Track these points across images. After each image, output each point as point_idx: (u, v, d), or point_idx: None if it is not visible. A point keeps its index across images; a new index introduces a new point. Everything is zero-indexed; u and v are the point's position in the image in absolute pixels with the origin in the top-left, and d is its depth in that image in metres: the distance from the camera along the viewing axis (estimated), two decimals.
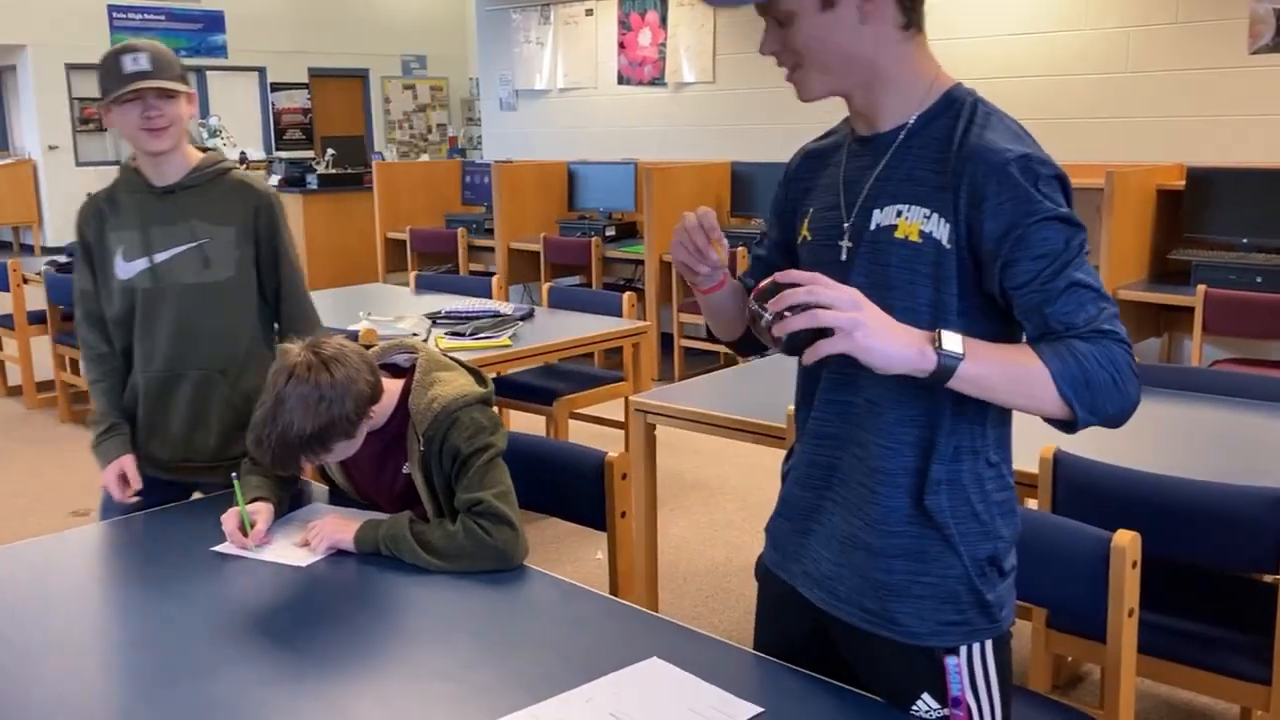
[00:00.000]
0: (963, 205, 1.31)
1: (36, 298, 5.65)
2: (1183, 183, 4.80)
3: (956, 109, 1.37)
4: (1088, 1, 5.46)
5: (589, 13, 7.67)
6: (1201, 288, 4.25)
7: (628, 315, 4.17)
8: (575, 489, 2.24)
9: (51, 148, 13.29)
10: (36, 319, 5.78)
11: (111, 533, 2.12)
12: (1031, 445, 2.23)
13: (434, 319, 4.04)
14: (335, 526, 1.96)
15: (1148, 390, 2.89)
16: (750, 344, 1.66)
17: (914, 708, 1.42)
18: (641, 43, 7.38)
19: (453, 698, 1.46)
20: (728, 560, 3.80)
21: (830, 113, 1.51)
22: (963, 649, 1.40)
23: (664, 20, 7.24)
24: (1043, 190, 1.29)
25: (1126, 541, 1.74)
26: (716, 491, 4.48)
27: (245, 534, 1.98)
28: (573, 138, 7.93)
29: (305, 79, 15.10)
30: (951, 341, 1.25)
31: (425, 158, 14.58)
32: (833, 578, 1.46)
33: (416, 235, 7.56)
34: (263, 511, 2.03)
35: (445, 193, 8.18)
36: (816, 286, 1.23)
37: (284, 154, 13.48)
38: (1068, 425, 1.30)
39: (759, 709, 1.41)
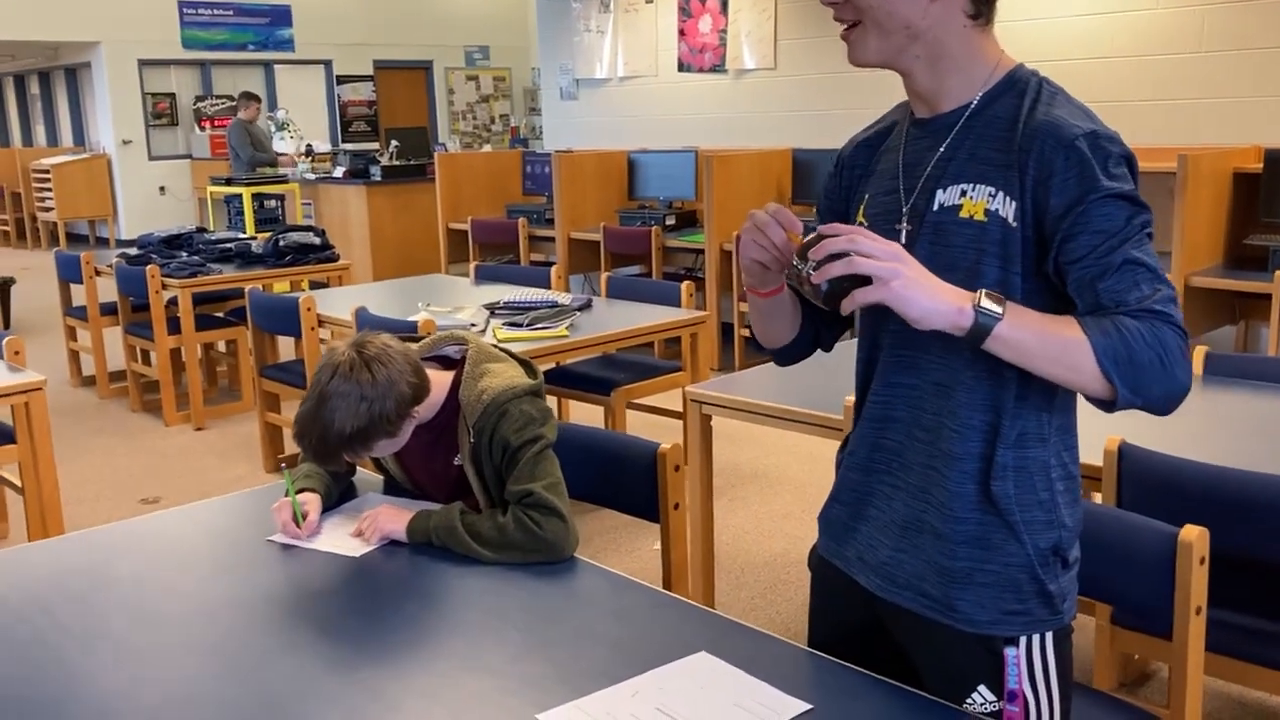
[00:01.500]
0: (1029, 181, 1.28)
1: (107, 289, 5.79)
2: (1260, 165, 4.65)
3: (1021, 88, 1.35)
4: None
5: (649, 0, 7.64)
6: (1279, 274, 4.11)
7: (686, 305, 4.15)
8: (629, 480, 2.23)
9: (125, 142, 13.60)
10: (107, 310, 5.93)
11: (170, 522, 2.15)
12: (1096, 438, 2.18)
13: (492, 309, 4.06)
14: (388, 517, 1.97)
15: (1220, 381, 2.80)
16: (792, 353, 1.61)
17: (969, 700, 1.39)
18: (702, 29, 7.33)
19: (499, 691, 1.46)
20: (785, 552, 3.77)
21: (895, 96, 1.48)
22: (1022, 640, 1.37)
23: (724, 6, 7.18)
24: (1110, 168, 1.26)
25: (1194, 537, 1.69)
26: (775, 483, 4.45)
27: (298, 524, 2.00)
28: (633, 126, 7.91)
29: (370, 71, 15.27)
30: (992, 301, 1.23)
31: (488, 148, 14.67)
32: (890, 564, 1.43)
33: (478, 226, 7.61)
34: (312, 502, 2.05)
35: (506, 183, 8.22)
36: (857, 236, 1.23)
37: (349, 146, 13.67)
38: (1108, 404, 1.26)
39: (807, 706, 1.38)
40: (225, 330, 5.66)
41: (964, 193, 1.33)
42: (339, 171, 9.34)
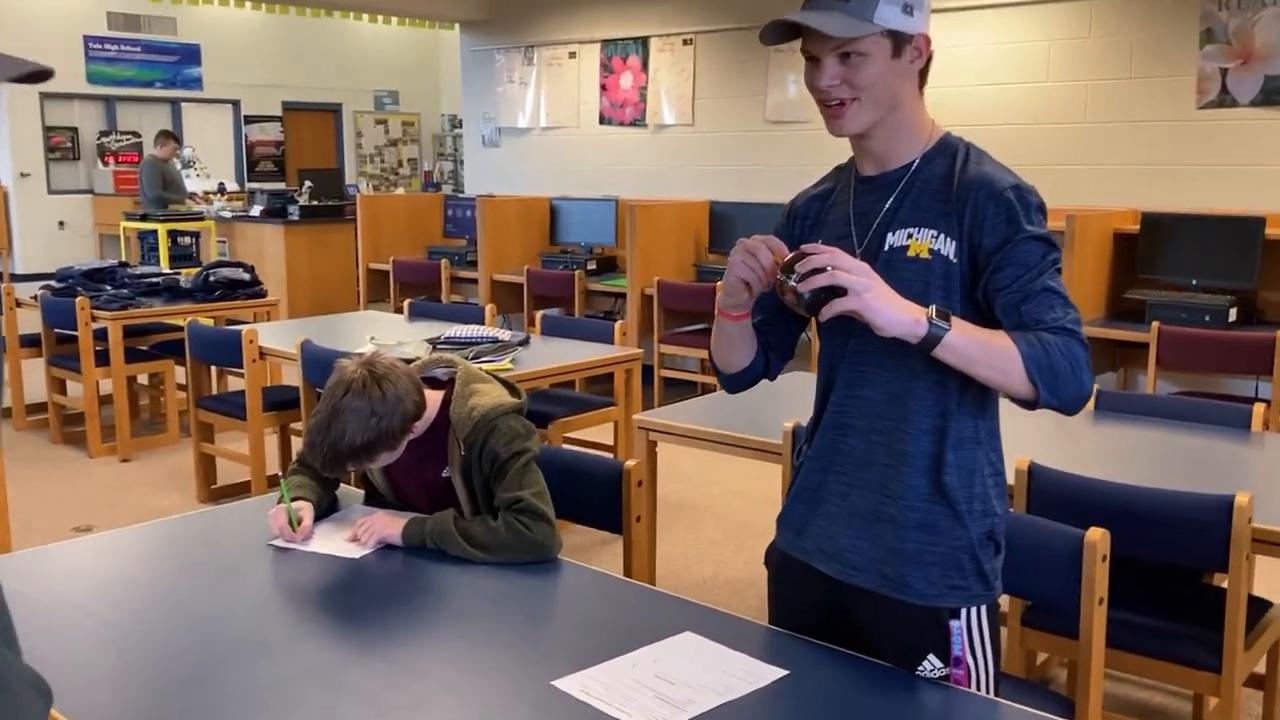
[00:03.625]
0: (966, 224, 1.58)
1: (24, 321, 5.76)
2: (1137, 227, 5.13)
3: (953, 150, 1.64)
4: (1049, 57, 5.81)
5: (572, 55, 7.95)
6: (1155, 325, 4.55)
7: (619, 343, 4.38)
8: (593, 496, 2.44)
9: (24, 175, 13.32)
10: (27, 342, 5.90)
11: (172, 528, 2.28)
12: (1008, 457, 2.48)
13: (434, 343, 4.23)
14: (384, 523, 2.15)
15: (1110, 416, 3.15)
16: (744, 379, 1.84)
17: (920, 668, 1.64)
18: (623, 85, 7.66)
19: (514, 662, 1.65)
20: (714, 575, 4.00)
21: (801, 152, 1.75)
22: (963, 612, 1.63)
23: (645, 64, 7.53)
24: (1030, 215, 1.57)
25: (1097, 538, 1.98)
26: (702, 512, 4.69)
27: (293, 529, 2.16)
28: (555, 174, 8.18)
29: (279, 112, 15.26)
30: (941, 316, 1.50)
31: (400, 190, 14.77)
32: (849, 550, 1.68)
33: (399, 266, 7.75)
34: (305, 510, 2.22)
35: (426, 225, 8.38)
36: (837, 253, 1.49)
37: (256, 185, 13.61)
38: (1031, 404, 1.54)
39: (784, 672, 1.62)
40: (153, 363, 5.68)
41: (910, 235, 1.61)
42: (255, 210, 9.38)
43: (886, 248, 1.62)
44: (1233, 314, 4.71)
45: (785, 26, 1.56)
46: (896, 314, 1.48)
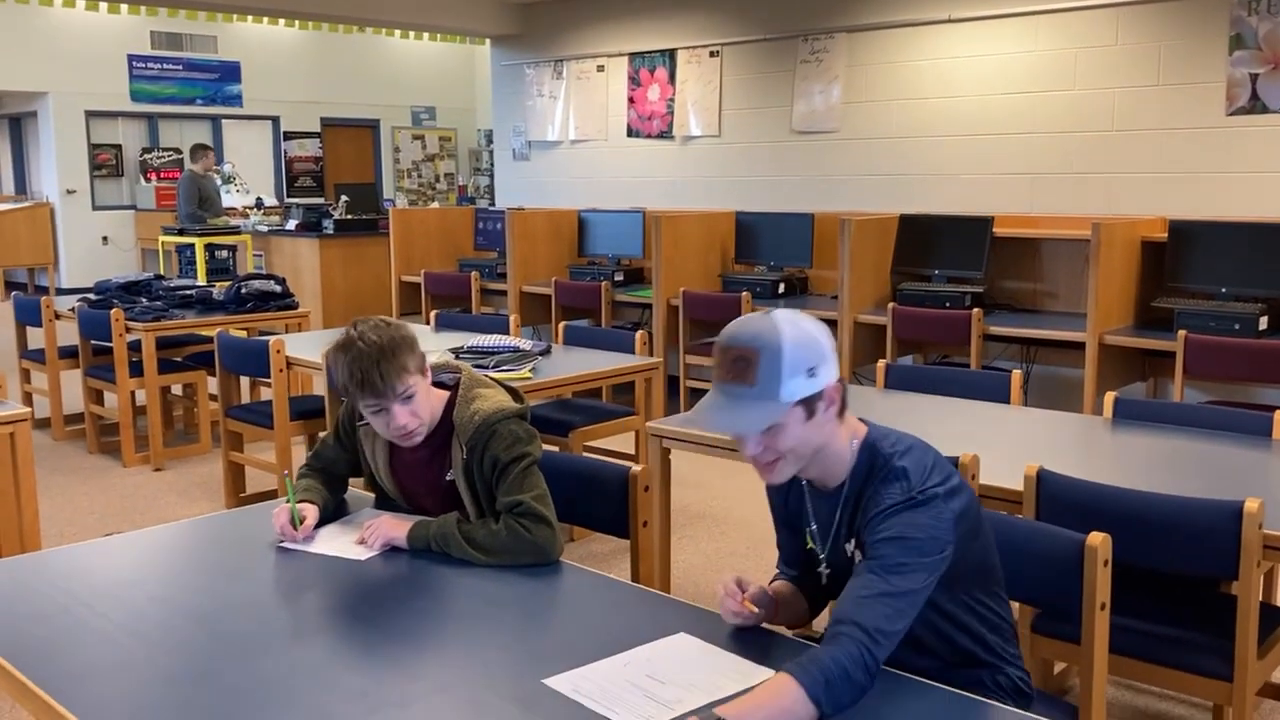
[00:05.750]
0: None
1: (65, 333, 5.88)
2: (1165, 235, 5.07)
3: (867, 468, 1.76)
4: (1076, 64, 5.77)
5: (600, 69, 8.00)
6: (1182, 334, 4.50)
7: (640, 352, 4.40)
8: (601, 501, 2.45)
9: (69, 192, 13.60)
10: (65, 354, 6.02)
11: (186, 531, 2.33)
12: (1017, 464, 2.47)
13: (457, 353, 4.27)
14: (390, 525, 2.18)
15: (1128, 423, 3.12)
16: (816, 608, 1.98)
17: None
18: (650, 98, 7.70)
19: (507, 661, 1.67)
20: None
21: (826, 162, 1.76)
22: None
23: (672, 77, 7.57)
24: (913, 514, 1.69)
25: (1098, 542, 1.96)
26: (722, 522, 4.69)
27: (295, 528, 2.19)
28: (583, 187, 8.23)
29: (318, 128, 15.48)
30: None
31: (435, 204, 14.91)
32: None
33: (431, 278, 7.83)
34: (309, 511, 2.25)
35: (458, 239, 8.46)
36: None
37: (295, 200, 13.81)
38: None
39: (775, 672, 1.62)
40: (185, 374, 5.78)
41: (853, 544, 1.79)
42: (291, 224, 9.51)
43: (844, 556, 1.82)
44: (1263, 322, 4.64)
45: (707, 424, 1.68)
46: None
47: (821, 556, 1.85)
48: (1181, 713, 3.02)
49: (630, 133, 7.87)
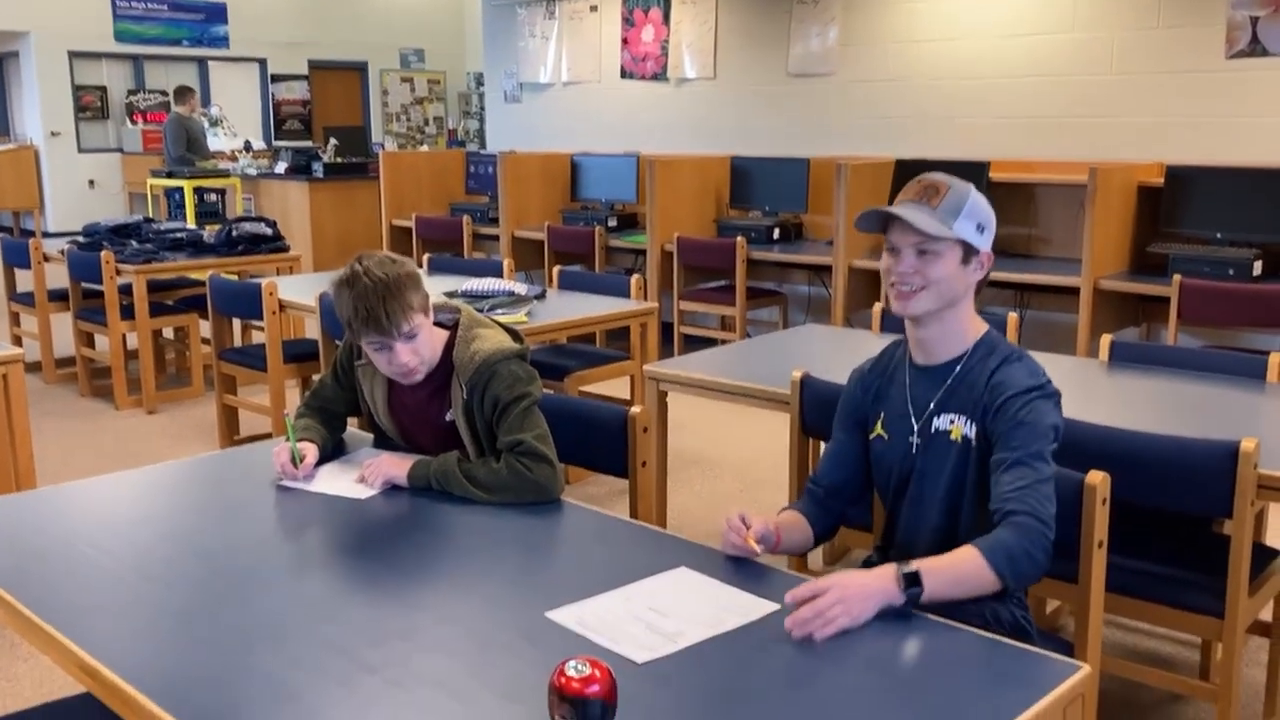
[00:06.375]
0: (990, 415, 1.87)
1: (53, 276, 5.83)
2: (1162, 180, 5.05)
3: (990, 350, 1.91)
4: (1075, 6, 5.71)
5: (593, 8, 7.89)
6: (1177, 278, 4.49)
7: (635, 297, 4.39)
8: (601, 442, 2.45)
9: (54, 134, 13.44)
10: (55, 296, 5.98)
11: (185, 470, 2.33)
12: None
13: (450, 297, 4.25)
14: (390, 464, 2.18)
15: (1124, 366, 3.13)
16: (823, 536, 2.07)
17: None
18: (644, 39, 7.61)
19: (510, 594, 1.68)
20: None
21: (829, 108, 1.75)
22: None
23: (667, 17, 7.47)
24: (1041, 411, 1.85)
25: (1098, 481, 1.98)
26: (717, 465, 4.71)
27: (295, 466, 2.19)
28: (576, 130, 8.15)
29: (305, 71, 15.28)
30: (911, 579, 1.63)
31: (425, 148, 14.78)
32: None
33: (422, 222, 7.78)
34: (309, 450, 2.25)
35: (449, 182, 8.39)
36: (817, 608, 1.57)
37: (283, 143, 13.67)
38: (999, 592, 1.75)
39: (776, 606, 1.63)
40: (177, 316, 5.75)
41: (952, 421, 1.91)
42: (280, 168, 9.42)
43: (934, 430, 1.94)
44: (1258, 267, 4.64)
45: (878, 216, 1.86)
46: (872, 601, 1.60)
47: (915, 428, 1.95)
48: (1169, 650, 3.06)
49: (624, 74, 7.79)
